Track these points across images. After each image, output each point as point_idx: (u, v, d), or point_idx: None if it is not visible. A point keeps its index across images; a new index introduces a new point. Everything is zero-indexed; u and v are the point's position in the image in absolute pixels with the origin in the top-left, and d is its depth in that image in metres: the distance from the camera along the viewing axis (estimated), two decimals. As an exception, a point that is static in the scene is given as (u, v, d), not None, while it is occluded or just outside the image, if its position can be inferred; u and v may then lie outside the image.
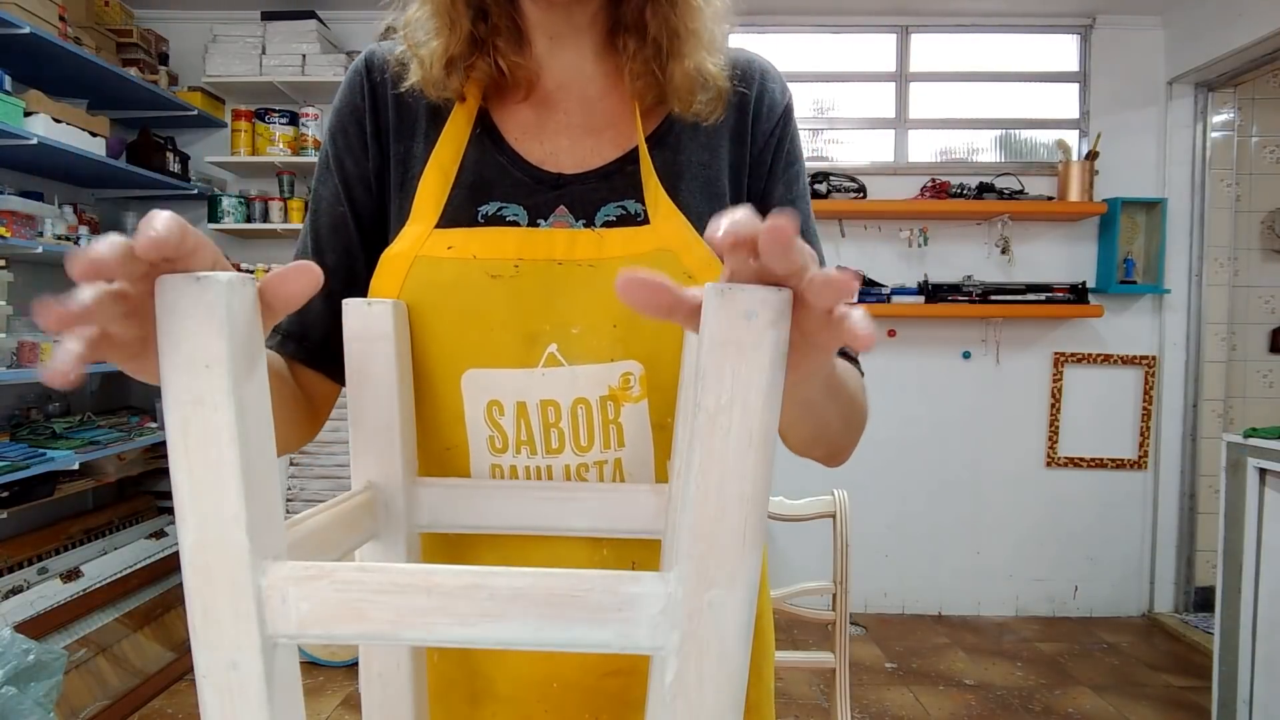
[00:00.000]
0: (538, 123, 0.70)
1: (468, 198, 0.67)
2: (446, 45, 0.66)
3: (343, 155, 0.70)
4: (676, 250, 0.64)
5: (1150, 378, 3.67)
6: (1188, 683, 2.99)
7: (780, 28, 3.72)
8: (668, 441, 0.65)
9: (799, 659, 1.74)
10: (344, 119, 0.71)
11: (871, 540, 3.66)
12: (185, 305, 0.36)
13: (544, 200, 0.67)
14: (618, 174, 0.68)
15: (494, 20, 0.67)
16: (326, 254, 0.70)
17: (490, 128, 0.70)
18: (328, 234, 0.70)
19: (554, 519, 0.63)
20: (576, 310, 0.63)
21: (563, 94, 0.71)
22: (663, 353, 0.63)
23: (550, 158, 0.69)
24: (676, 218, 0.66)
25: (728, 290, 0.36)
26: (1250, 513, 2.14)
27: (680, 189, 0.68)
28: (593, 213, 0.67)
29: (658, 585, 0.38)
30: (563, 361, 0.63)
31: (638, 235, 0.65)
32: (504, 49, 0.67)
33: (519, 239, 0.64)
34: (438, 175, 0.67)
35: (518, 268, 0.63)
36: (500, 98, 0.70)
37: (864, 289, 3.49)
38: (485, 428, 0.64)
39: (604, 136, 0.69)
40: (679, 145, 0.70)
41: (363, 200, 0.70)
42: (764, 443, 0.37)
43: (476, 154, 0.68)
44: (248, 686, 0.38)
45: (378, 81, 0.71)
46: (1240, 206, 3.64)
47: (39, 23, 2.57)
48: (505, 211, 0.66)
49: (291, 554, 0.43)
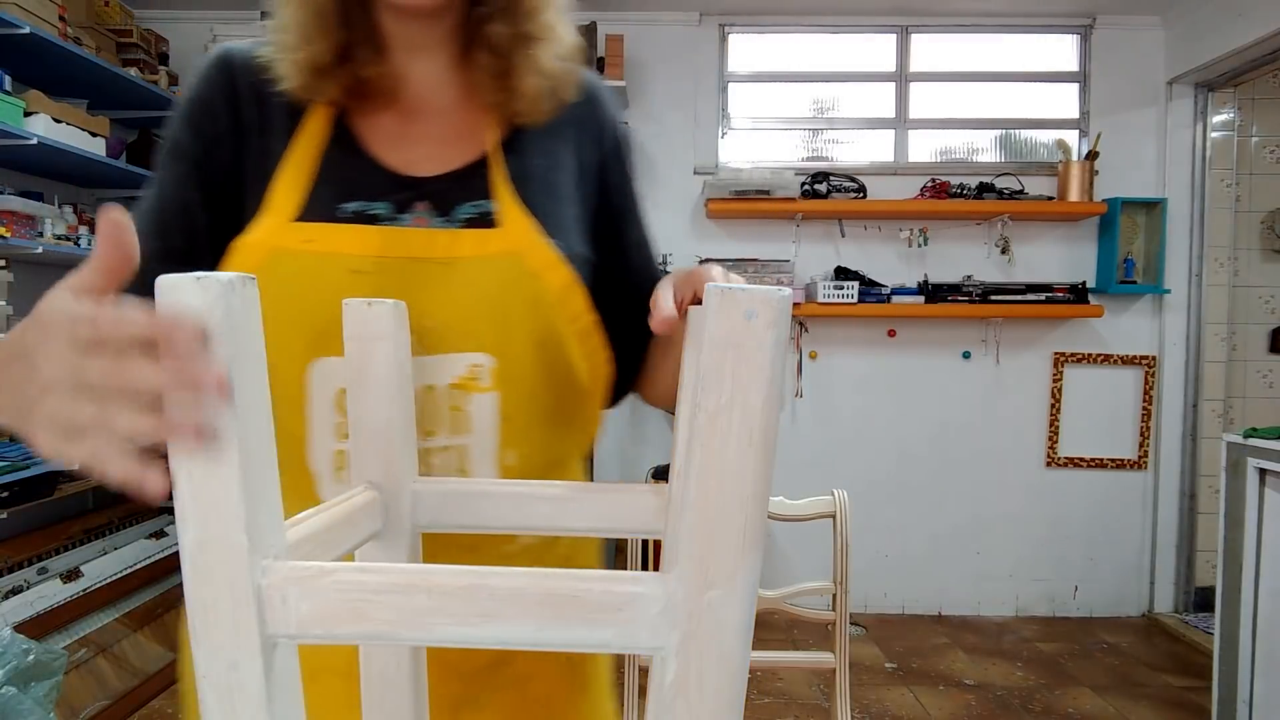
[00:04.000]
0: (399, 131, 0.73)
1: (329, 196, 0.68)
2: (318, 53, 0.67)
3: (195, 145, 0.71)
4: (523, 252, 0.69)
5: (1150, 378, 3.67)
6: (1188, 683, 2.99)
7: (780, 28, 3.72)
8: (513, 432, 0.69)
9: (799, 659, 1.74)
10: (201, 110, 0.71)
11: (871, 540, 3.66)
12: (185, 305, 0.36)
13: (405, 198, 0.70)
14: (472, 177, 0.72)
15: (356, 31, 0.69)
16: (171, 236, 0.70)
17: (349, 133, 0.72)
18: (174, 216, 0.70)
19: (554, 519, 0.63)
20: (432, 305, 0.66)
21: (422, 104, 0.74)
22: (513, 348, 0.68)
23: (410, 164, 0.72)
24: (524, 221, 0.71)
25: (728, 291, 0.36)
26: (1250, 513, 2.14)
27: (527, 191, 0.73)
28: (451, 210, 0.71)
29: (658, 585, 0.39)
30: (415, 351, 0.65)
31: (489, 237, 0.69)
32: (364, 59, 0.70)
33: (381, 237, 0.67)
34: (295, 172, 0.68)
35: (378, 264, 0.66)
36: (361, 105, 0.72)
37: (864, 289, 3.49)
38: (332, 415, 0.66)
39: (460, 145, 0.74)
40: (525, 152, 0.75)
41: (214, 190, 0.70)
42: (764, 443, 0.37)
43: (337, 157, 0.70)
44: (248, 686, 0.38)
45: (239, 79, 0.71)
46: (1240, 206, 3.64)
47: (39, 23, 2.57)
48: (369, 208, 0.69)
49: (291, 554, 0.43)
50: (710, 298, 0.37)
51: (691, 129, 3.68)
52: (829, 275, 3.61)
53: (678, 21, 3.64)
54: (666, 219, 3.67)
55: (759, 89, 3.78)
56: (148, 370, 0.35)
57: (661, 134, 3.66)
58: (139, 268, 0.62)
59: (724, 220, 3.66)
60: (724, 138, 3.74)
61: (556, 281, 0.70)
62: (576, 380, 0.73)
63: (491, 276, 0.68)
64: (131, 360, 0.36)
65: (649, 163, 3.67)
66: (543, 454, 0.73)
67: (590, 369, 0.74)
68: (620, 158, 0.83)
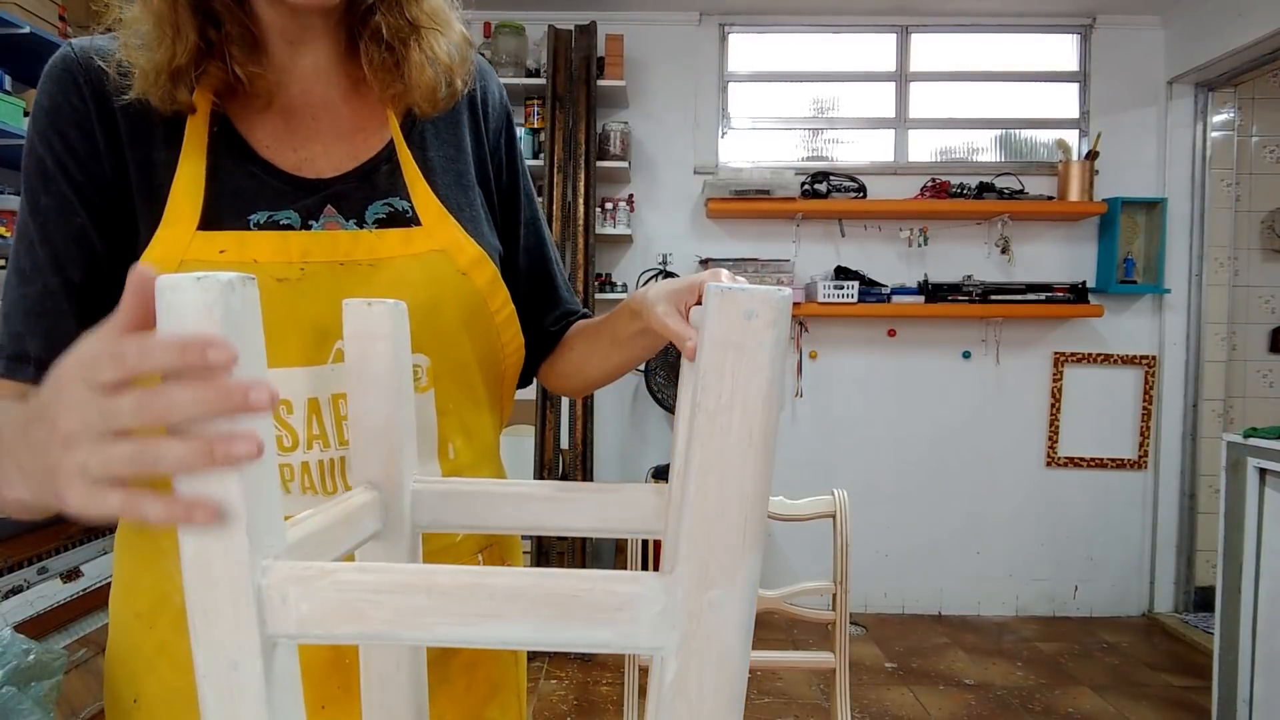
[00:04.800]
0: (287, 130, 0.69)
1: (233, 207, 0.64)
2: (171, 56, 0.62)
3: (66, 162, 0.63)
4: (450, 251, 0.69)
5: (1150, 378, 3.66)
6: (1188, 683, 2.99)
7: (780, 28, 3.72)
8: (451, 425, 0.71)
9: (799, 659, 1.74)
10: (61, 123, 0.64)
11: (871, 540, 3.66)
12: (185, 305, 0.36)
13: (312, 203, 0.67)
14: (376, 173, 0.70)
15: (226, 27, 0.63)
16: (69, 269, 0.63)
17: (235, 137, 0.67)
18: (67, 247, 0.63)
19: (554, 519, 0.63)
20: None
21: (307, 100, 0.70)
22: (447, 346, 0.69)
23: (306, 164, 0.68)
24: (447, 220, 0.70)
25: (728, 291, 0.36)
26: (1250, 513, 2.14)
27: (436, 184, 0.72)
28: (361, 211, 0.68)
29: (658, 585, 0.38)
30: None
31: (413, 236, 0.68)
32: (239, 57, 0.64)
33: (302, 242, 0.65)
34: (190, 184, 0.64)
35: (303, 270, 0.64)
36: (242, 106, 0.67)
37: (864, 289, 3.49)
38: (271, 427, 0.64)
39: (355, 139, 0.71)
40: (425, 143, 0.73)
41: (99, 209, 0.64)
42: (764, 443, 0.37)
43: (228, 164, 0.65)
44: (248, 686, 0.38)
45: (97, 83, 0.65)
46: (1240, 206, 3.64)
47: (39, 23, 2.57)
48: (278, 217, 0.65)
49: (291, 554, 0.43)
50: (710, 298, 0.37)
51: (691, 129, 3.68)
52: (829, 275, 3.61)
53: (678, 21, 3.64)
54: (666, 219, 3.67)
55: (759, 89, 3.78)
56: (187, 395, 0.34)
57: (661, 134, 3.66)
58: (39, 310, 0.61)
59: (724, 220, 3.66)
60: (724, 138, 3.74)
61: (483, 278, 0.71)
62: (501, 368, 0.75)
63: (420, 276, 0.67)
64: (167, 389, 0.34)
65: (649, 163, 3.67)
66: (480, 442, 0.75)
67: (508, 355, 0.76)
68: (509, 135, 0.81)
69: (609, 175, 3.50)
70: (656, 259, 3.64)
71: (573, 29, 3.32)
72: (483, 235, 0.73)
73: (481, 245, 0.71)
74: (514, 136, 0.82)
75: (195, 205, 0.63)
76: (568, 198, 3.24)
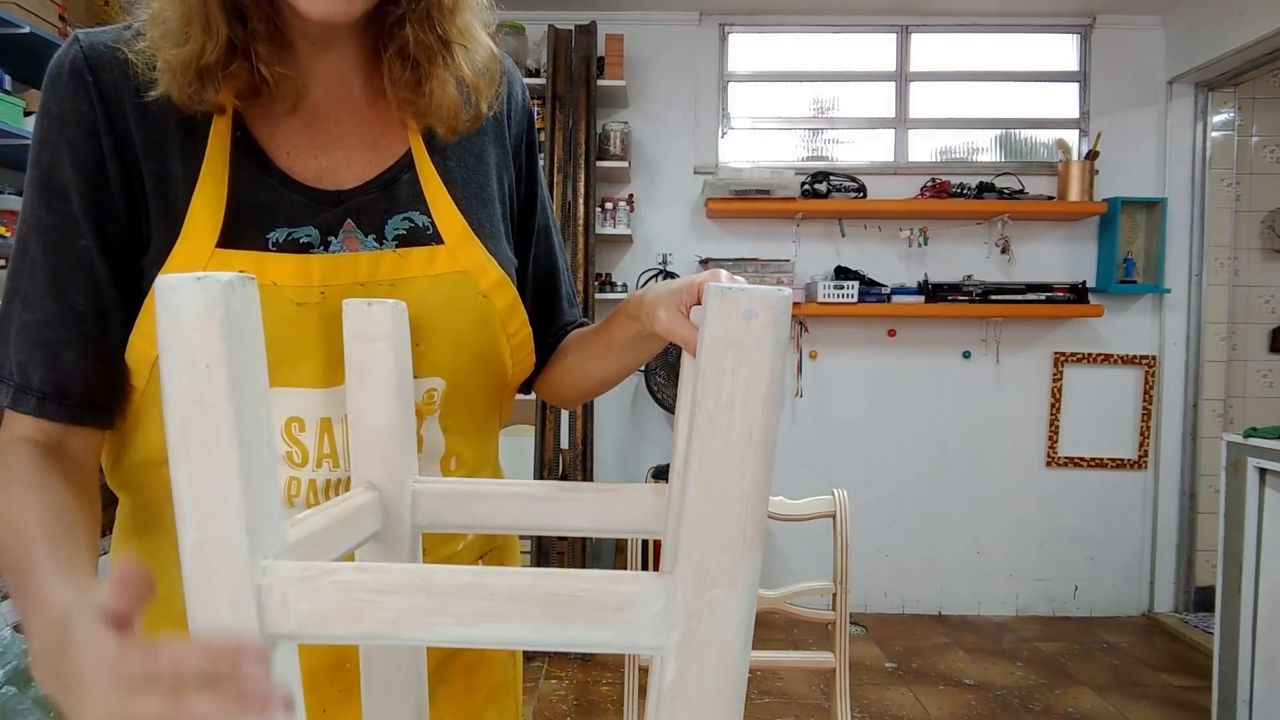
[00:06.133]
0: (310, 136, 0.66)
1: (252, 223, 0.62)
2: (202, 51, 0.58)
3: (72, 177, 0.60)
4: (473, 273, 0.67)
5: (1150, 377, 3.66)
6: (1188, 683, 2.99)
7: (780, 28, 3.72)
8: (456, 441, 0.70)
9: (799, 659, 1.74)
10: (67, 130, 0.60)
11: (871, 540, 3.66)
12: (185, 306, 0.36)
13: (331, 217, 0.65)
14: (396, 183, 0.68)
15: (253, 24, 0.60)
16: (71, 295, 0.61)
17: (253, 145, 0.64)
18: (70, 272, 0.60)
19: (554, 519, 0.63)
20: None
21: (331, 103, 0.67)
22: (461, 369, 0.68)
23: (327, 172, 0.66)
24: (470, 239, 0.68)
25: (728, 291, 0.36)
26: (1250, 513, 2.14)
27: (458, 197, 0.70)
28: (381, 226, 0.66)
29: (658, 585, 0.38)
30: None
31: (436, 255, 0.67)
32: (265, 55, 0.61)
33: (324, 266, 0.63)
34: (212, 198, 0.61)
35: (324, 294, 0.62)
36: (262, 109, 0.65)
37: (864, 289, 3.49)
38: (283, 444, 0.63)
39: (378, 146, 0.69)
40: (447, 152, 0.71)
41: (109, 229, 0.61)
42: (764, 443, 0.37)
43: (246, 177, 0.63)
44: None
45: (108, 85, 0.61)
46: (1240, 206, 3.64)
47: (39, 23, 2.57)
48: (297, 235, 0.63)
49: (291, 554, 0.43)
50: (710, 298, 0.37)
51: (691, 129, 3.68)
52: (829, 275, 3.61)
53: (678, 21, 3.63)
54: (666, 219, 3.67)
55: (759, 89, 3.78)
56: (209, 704, 0.35)
57: (661, 134, 3.66)
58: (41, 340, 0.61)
59: (724, 220, 3.66)
60: (724, 137, 3.73)
61: (503, 301, 0.69)
62: (505, 384, 0.75)
63: (441, 297, 0.66)
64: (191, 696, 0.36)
65: (649, 163, 3.67)
66: (481, 452, 0.74)
67: (516, 375, 0.75)
68: (530, 140, 0.79)
69: (609, 175, 3.50)
70: (656, 259, 3.64)
71: (573, 29, 3.32)
72: (503, 252, 0.72)
73: (501, 263, 0.70)
74: (534, 141, 0.80)
75: (215, 221, 0.61)
76: (568, 197, 3.25)
